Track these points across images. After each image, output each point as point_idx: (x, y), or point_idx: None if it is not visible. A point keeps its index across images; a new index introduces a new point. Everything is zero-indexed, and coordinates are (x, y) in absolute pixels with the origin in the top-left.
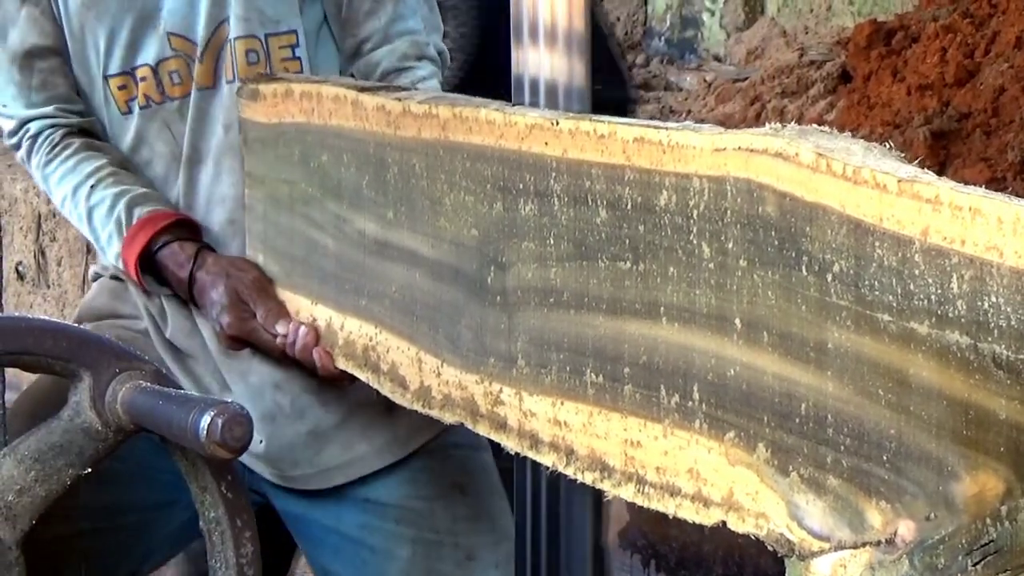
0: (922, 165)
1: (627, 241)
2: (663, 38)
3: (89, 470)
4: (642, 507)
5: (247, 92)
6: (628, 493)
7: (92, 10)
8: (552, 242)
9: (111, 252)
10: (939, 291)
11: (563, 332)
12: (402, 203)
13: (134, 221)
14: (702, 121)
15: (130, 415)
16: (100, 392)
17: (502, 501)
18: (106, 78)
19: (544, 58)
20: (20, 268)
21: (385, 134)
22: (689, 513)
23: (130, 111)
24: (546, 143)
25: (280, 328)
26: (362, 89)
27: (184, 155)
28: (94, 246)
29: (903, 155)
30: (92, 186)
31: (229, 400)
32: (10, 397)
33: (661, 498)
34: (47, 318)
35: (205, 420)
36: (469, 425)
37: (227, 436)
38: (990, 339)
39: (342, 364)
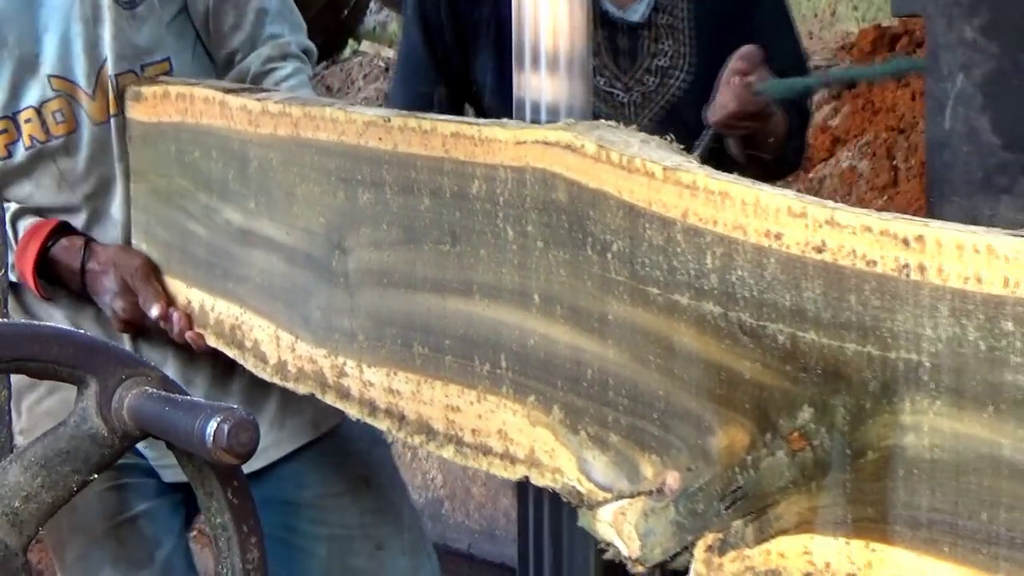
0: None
1: (446, 226)
2: None
3: (95, 476)
4: None
5: (131, 94)
6: (449, 453)
7: None
8: (385, 228)
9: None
10: (696, 266)
11: (395, 309)
12: (262, 194)
13: (21, 233)
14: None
15: (136, 421)
16: (106, 398)
17: (404, 492)
18: None
19: (545, 82)
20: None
21: (247, 132)
22: (499, 470)
23: (10, 155)
24: (380, 138)
25: (153, 311)
26: (228, 91)
27: (90, 188)
28: None
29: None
30: None
31: (235, 406)
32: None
33: (476, 457)
34: (54, 325)
35: (212, 426)
36: (319, 395)
37: (233, 442)
38: (737, 308)
39: (212, 342)
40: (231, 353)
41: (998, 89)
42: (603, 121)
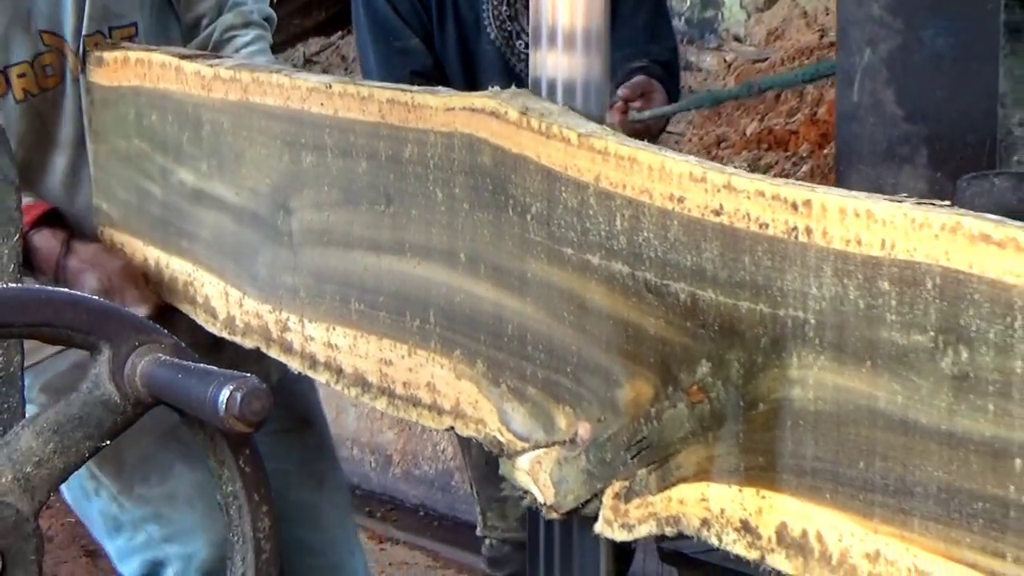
0: None
1: (381, 188)
2: (683, 18)
3: (108, 442)
4: None
5: (94, 59)
6: (382, 405)
7: None
8: (326, 189)
9: None
10: (607, 228)
11: (334, 267)
12: (214, 156)
13: None
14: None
15: (149, 388)
16: (119, 364)
17: (331, 434)
18: None
19: (562, 59)
20: None
21: (201, 96)
22: (428, 421)
23: None
24: (322, 104)
25: (143, 312)
26: (183, 56)
27: (68, 140)
28: None
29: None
30: None
31: (248, 374)
32: None
33: (407, 409)
34: (67, 291)
35: (224, 394)
36: (264, 349)
37: (246, 410)
38: (643, 268)
39: (167, 299)
40: (184, 308)
41: (901, 64)
42: (526, 91)
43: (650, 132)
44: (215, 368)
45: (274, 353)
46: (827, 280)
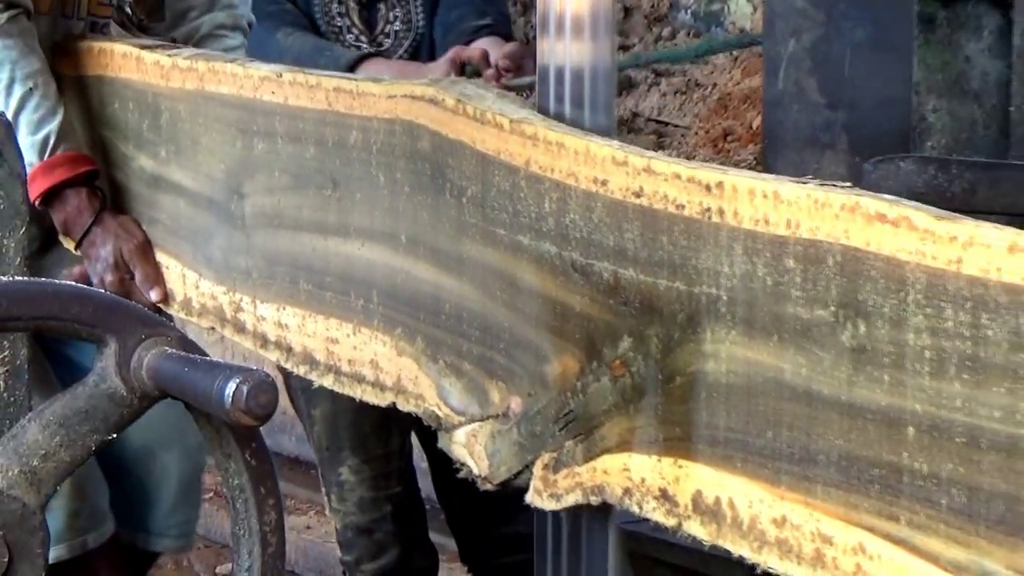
0: None
1: (328, 173)
2: (689, 11)
3: (114, 436)
4: None
5: (60, 49)
6: (329, 382)
7: None
8: (277, 174)
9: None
10: (536, 210)
11: (284, 249)
12: (171, 143)
13: (57, 152)
14: (728, 95)
15: (155, 381)
16: (126, 358)
17: None
18: None
19: (570, 46)
20: None
21: (159, 85)
22: (371, 397)
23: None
24: (273, 92)
25: (154, 295)
26: (143, 47)
27: None
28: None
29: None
30: (31, 89)
31: (254, 367)
32: None
33: (352, 385)
34: (73, 284)
35: (230, 387)
36: (219, 329)
37: (252, 403)
38: (570, 248)
39: None
40: None
41: (823, 54)
42: (465, 79)
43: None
44: (221, 361)
45: (228, 333)
46: (738, 258)
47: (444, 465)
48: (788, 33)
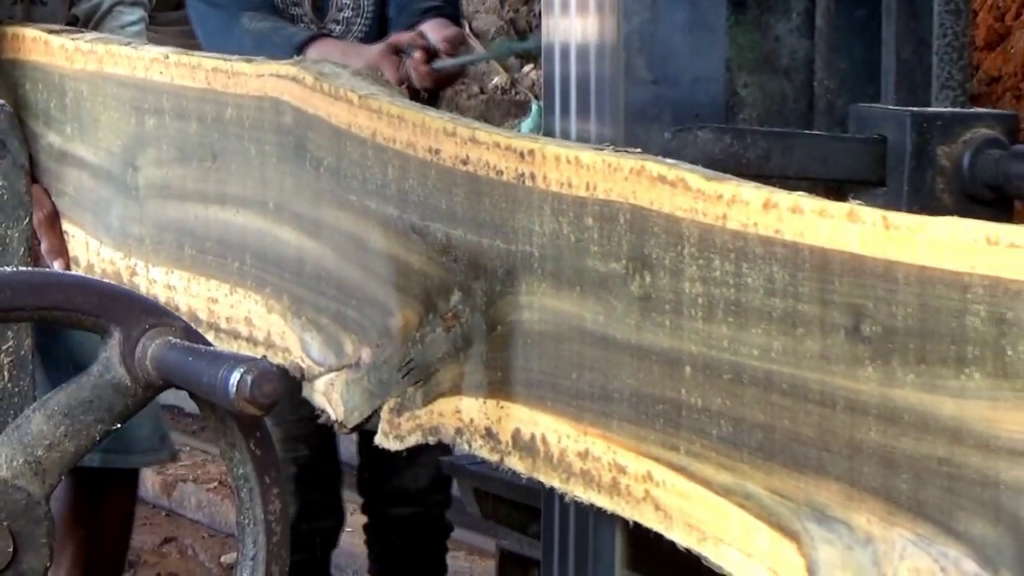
0: None
1: (208, 146)
2: None
3: (119, 425)
4: None
5: None
6: (211, 338)
7: None
8: (165, 148)
9: None
10: (382, 177)
11: (172, 217)
12: (75, 121)
13: None
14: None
15: (159, 371)
16: (130, 348)
17: None
18: None
19: (575, 23)
20: None
21: (65, 67)
22: (246, 352)
23: None
24: (161, 72)
25: (57, 264)
26: (51, 31)
27: None
28: None
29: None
30: None
31: (259, 357)
32: None
33: (229, 341)
34: (77, 273)
35: (235, 377)
36: None
37: (256, 393)
38: (409, 211)
39: None
40: None
41: (649, 35)
42: (326, 59)
43: (451, 80)
44: (226, 351)
45: None
46: (547, 218)
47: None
48: (621, 16)
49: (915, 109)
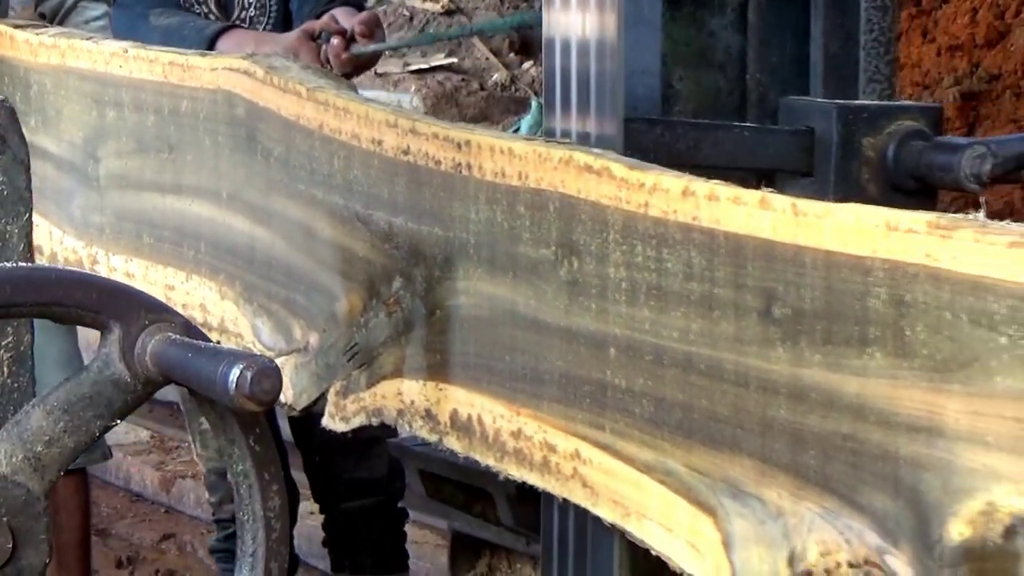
0: (951, 126)
1: (165, 138)
2: None
3: (118, 421)
4: None
5: None
6: None
7: None
8: (124, 140)
9: None
10: (328, 167)
11: (131, 207)
12: (40, 113)
13: None
14: None
15: (159, 367)
16: (130, 344)
17: None
18: None
19: (575, 18)
20: None
21: (29, 61)
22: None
23: None
24: (120, 66)
25: None
26: (16, 26)
27: None
28: None
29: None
30: None
31: (258, 354)
32: None
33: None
34: (77, 269)
35: (234, 373)
36: None
37: (256, 389)
38: (354, 200)
39: None
40: None
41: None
42: (279, 54)
43: (369, 65)
44: (225, 347)
45: None
46: (482, 207)
47: (304, 417)
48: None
49: (841, 102)
